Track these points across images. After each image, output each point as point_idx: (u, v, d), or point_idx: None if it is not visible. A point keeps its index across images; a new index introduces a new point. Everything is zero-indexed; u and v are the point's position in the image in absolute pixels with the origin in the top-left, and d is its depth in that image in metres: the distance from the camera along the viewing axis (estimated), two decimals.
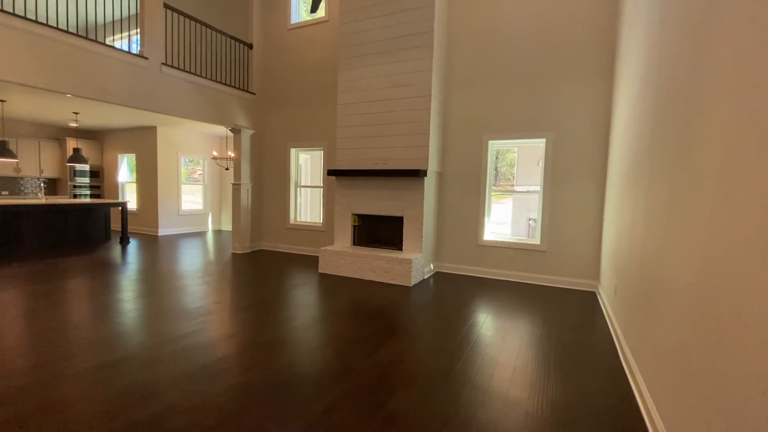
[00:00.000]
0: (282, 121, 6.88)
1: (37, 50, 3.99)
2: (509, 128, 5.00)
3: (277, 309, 3.69)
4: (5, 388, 2.14)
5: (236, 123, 6.52)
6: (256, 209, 7.08)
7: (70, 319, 3.23)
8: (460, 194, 5.38)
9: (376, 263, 4.88)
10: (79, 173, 9.28)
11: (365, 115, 5.31)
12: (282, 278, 4.94)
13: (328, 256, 5.24)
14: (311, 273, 5.28)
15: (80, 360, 2.51)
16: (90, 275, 4.75)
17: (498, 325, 3.43)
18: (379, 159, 5.24)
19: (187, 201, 9.43)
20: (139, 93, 5.01)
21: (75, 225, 7.02)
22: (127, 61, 4.82)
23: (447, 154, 5.44)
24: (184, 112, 5.64)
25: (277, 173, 7.02)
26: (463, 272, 5.43)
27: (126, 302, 3.74)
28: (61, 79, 4.21)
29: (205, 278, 4.80)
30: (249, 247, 6.89)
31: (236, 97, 6.49)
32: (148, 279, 4.67)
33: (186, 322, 3.24)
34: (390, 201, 5.15)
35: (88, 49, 4.41)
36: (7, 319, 3.20)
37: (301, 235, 6.84)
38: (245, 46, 6.70)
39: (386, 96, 5.13)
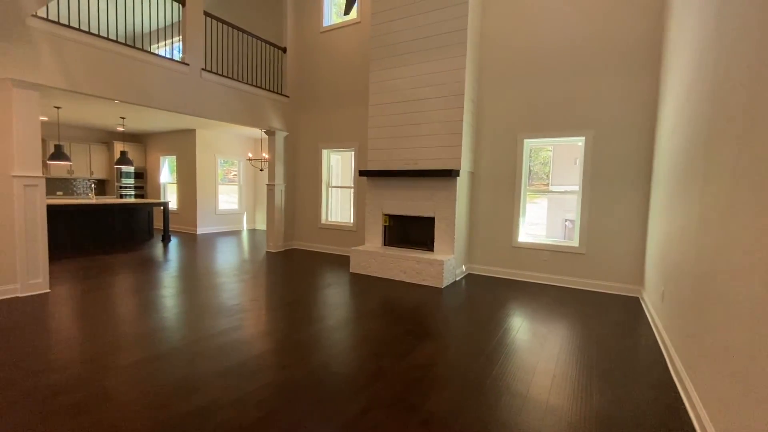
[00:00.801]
0: (314, 122, 7.00)
1: (89, 60, 4.26)
2: (546, 126, 4.84)
3: (310, 307, 3.75)
4: (65, 377, 2.29)
5: (270, 125, 6.69)
6: (289, 209, 7.24)
7: (119, 314, 3.42)
8: (494, 194, 5.27)
9: (406, 264, 4.86)
10: (125, 174, 9.83)
11: (396, 116, 5.30)
12: (314, 277, 5.01)
13: (359, 256, 5.28)
14: (342, 272, 5.33)
15: (129, 353, 2.65)
16: (135, 272, 5.01)
17: (535, 330, 3.33)
18: (410, 159, 5.22)
19: (223, 201, 9.78)
20: (181, 98, 5.24)
21: (121, 223, 7.45)
22: (170, 67, 5.06)
23: (480, 154, 5.34)
24: (222, 116, 5.85)
25: (309, 174, 7.15)
26: (496, 274, 5.31)
27: (168, 298, 3.92)
28: (111, 86, 4.47)
29: (242, 276, 4.95)
30: (282, 246, 7.05)
31: (270, 100, 6.66)
32: (188, 276, 4.87)
33: (224, 319, 3.36)
34: (421, 201, 5.12)
35: (134, 57, 4.66)
36: (65, 312, 3.44)
37: (332, 234, 6.93)
38: (279, 50, 6.86)
39: (418, 96, 5.10)
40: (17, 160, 3.78)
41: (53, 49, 3.98)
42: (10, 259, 3.80)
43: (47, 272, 4.04)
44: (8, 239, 3.78)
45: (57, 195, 9.00)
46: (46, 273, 4.03)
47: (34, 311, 3.41)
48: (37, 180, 3.92)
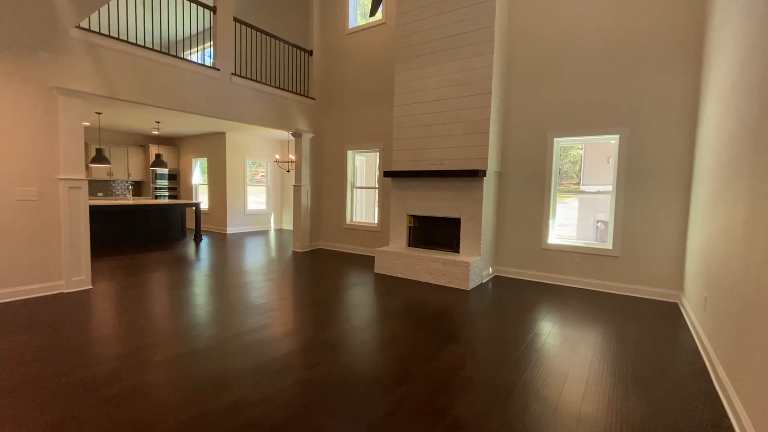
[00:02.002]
0: (339, 124, 7.06)
1: (128, 68, 4.47)
2: (577, 125, 4.68)
3: (336, 307, 3.78)
4: (103, 372, 2.41)
5: (297, 127, 6.80)
6: (315, 210, 7.34)
7: (154, 311, 3.56)
8: (522, 195, 5.14)
9: (432, 265, 4.82)
10: (159, 176, 10.26)
11: (422, 116, 5.27)
12: (339, 277, 5.06)
13: (384, 257, 5.28)
14: (367, 273, 5.35)
15: (163, 348, 2.76)
16: (170, 270, 5.22)
17: (565, 335, 3.22)
18: (435, 159, 5.17)
19: (251, 201, 10.04)
20: (212, 102, 5.41)
21: (156, 223, 7.78)
22: (202, 72, 5.23)
23: (507, 153, 5.23)
24: (251, 119, 6.00)
25: (335, 175, 7.22)
26: (524, 277, 5.18)
27: (200, 296, 4.05)
28: (148, 92, 4.67)
29: (270, 275, 5.06)
30: (308, 246, 7.16)
31: (297, 103, 6.77)
32: (218, 275, 5.02)
33: (253, 317, 3.44)
34: (447, 202, 5.06)
35: (169, 64, 4.85)
36: (105, 308, 3.62)
37: (357, 235, 6.97)
38: (305, 53, 6.97)
39: (444, 95, 5.04)
40: (63, 163, 4.02)
41: (95, 58, 4.20)
42: (57, 257, 4.04)
43: (89, 270, 4.27)
44: (55, 238, 4.02)
45: (98, 196, 9.51)
46: (89, 270, 4.26)
47: (77, 307, 3.61)
48: (81, 182, 4.15)
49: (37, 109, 3.84)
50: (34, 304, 3.65)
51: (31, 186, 3.85)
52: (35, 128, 3.84)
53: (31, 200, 3.85)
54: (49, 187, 3.97)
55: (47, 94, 3.89)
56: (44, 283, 3.96)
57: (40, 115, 3.86)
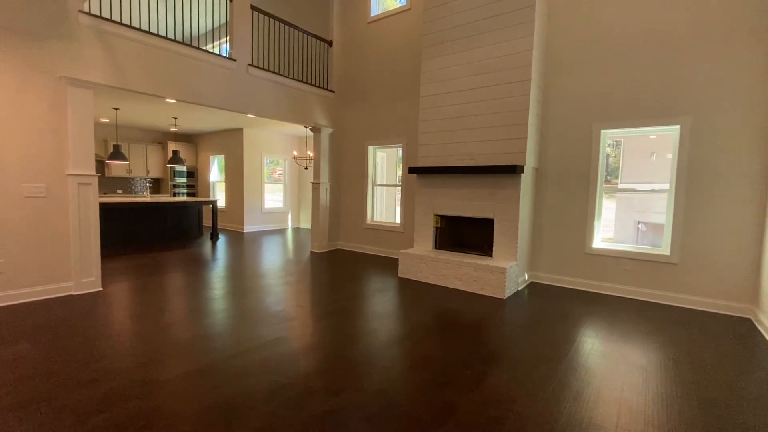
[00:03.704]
0: (360, 118, 6.70)
1: (140, 57, 4.22)
2: (629, 114, 4.18)
3: (359, 317, 3.42)
4: (98, 394, 2.11)
5: (316, 122, 6.48)
6: (334, 209, 7.01)
7: (164, 317, 3.28)
8: (562, 193, 4.66)
9: (462, 270, 4.41)
10: (177, 174, 10.15)
11: (450, 107, 4.85)
12: (361, 281, 4.70)
13: (409, 260, 4.89)
14: (390, 277, 4.98)
15: (169, 364, 2.45)
16: (184, 271, 4.97)
17: (627, 355, 2.76)
18: (465, 154, 4.75)
19: (268, 199, 9.81)
20: (229, 94, 5.13)
21: (173, 221, 7.60)
22: (218, 63, 4.95)
23: (546, 148, 4.75)
24: (268, 112, 5.70)
25: (355, 172, 6.87)
26: (563, 284, 4.70)
27: (214, 301, 3.76)
28: (161, 83, 4.42)
29: (287, 278, 4.75)
30: (327, 246, 6.84)
31: (316, 96, 6.44)
32: (234, 276, 4.74)
33: (270, 327, 3.11)
34: (479, 201, 4.63)
35: (183, 53, 4.58)
36: (113, 313, 3.36)
37: (378, 235, 6.60)
38: (325, 43, 6.63)
39: (476, 84, 4.61)
40: (72, 158, 3.79)
41: (105, 46, 3.95)
42: (66, 257, 3.82)
43: (99, 270, 4.04)
44: (64, 237, 3.80)
45: (117, 193, 9.45)
46: (99, 271, 4.03)
47: (84, 311, 3.36)
48: (91, 178, 3.92)
49: (46, 101, 3.61)
50: (40, 307, 3.43)
51: (40, 182, 3.63)
52: (43, 121, 3.62)
53: (39, 197, 3.63)
54: (58, 184, 3.74)
55: (56, 84, 3.65)
56: (52, 284, 3.74)
57: (48, 107, 3.63)
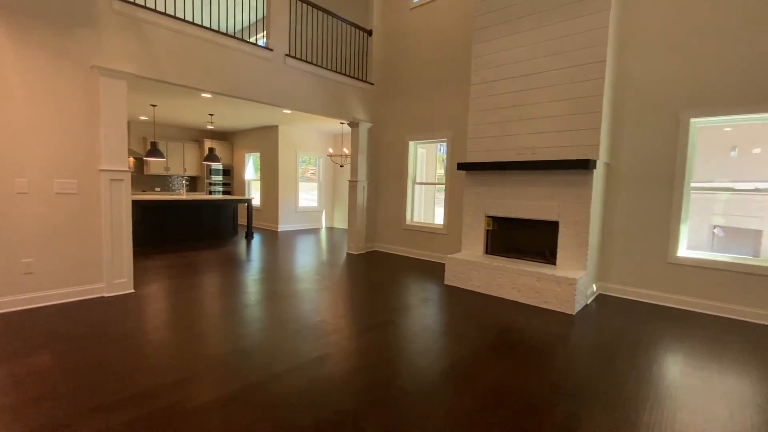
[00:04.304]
0: (400, 112, 6.27)
1: (176, 47, 3.99)
2: (731, 100, 3.49)
3: (408, 334, 2.98)
4: (124, 423, 1.79)
5: (354, 116, 6.11)
6: (372, 208, 6.62)
7: (194, 327, 2.99)
8: (639, 192, 4.02)
9: (522, 280, 3.87)
10: (214, 171, 10.12)
11: (506, 95, 4.32)
12: (404, 289, 4.27)
13: (458, 265, 4.40)
14: (436, 284, 4.51)
15: (202, 387, 2.11)
16: (219, 272, 4.73)
17: (756, 396, 2.16)
18: (524, 148, 4.20)
19: (302, 198, 9.58)
20: (265, 87, 4.85)
21: (209, 219, 7.49)
22: (254, 53, 4.67)
23: (619, 140, 4.13)
24: (305, 106, 5.38)
25: (393, 169, 6.44)
26: (639, 297, 4.06)
27: (249, 307, 3.45)
28: (196, 75, 4.18)
29: (324, 282, 4.39)
30: (364, 247, 6.46)
31: (354, 88, 6.07)
32: (269, 279, 4.44)
33: (311, 342, 2.73)
34: (540, 201, 4.08)
35: (219, 42, 4.33)
36: (140, 321, 3.10)
37: (419, 237, 6.14)
38: (364, 32, 6.25)
39: (539, 68, 4.06)
40: (104, 153, 3.59)
41: (139, 35, 3.73)
42: (97, 257, 3.63)
43: (131, 271, 3.83)
44: (96, 236, 3.61)
45: (155, 191, 9.52)
46: (131, 272, 3.83)
47: (112, 317, 3.13)
48: (123, 174, 3.71)
49: (78, 92, 3.42)
50: (69, 310, 3.23)
51: (71, 178, 3.45)
52: (75, 113, 3.43)
53: (70, 193, 3.45)
54: (90, 180, 3.56)
55: (88, 74, 3.46)
56: (83, 285, 3.56)
57: (80, 99, 3.45)
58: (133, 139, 8.97)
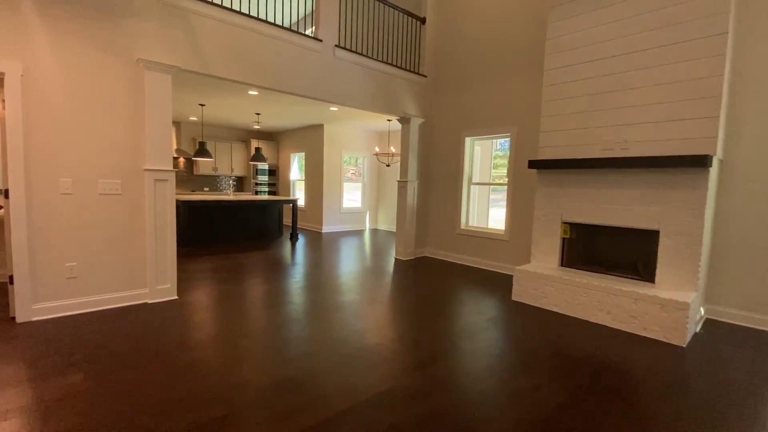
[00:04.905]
0: (456, 105, 5.73)
1: (222, 39, 3.75)
2: None
3: (481, 367, 2.48)
4: None
5: (405, 111, 5.66)
6: (421, 210, 6.14)
7: (236, 345, 2.67)
8: (764, 194, 3.24)
9: (613, 300, 3.23)
10: (260, 172, 10.10)
11: (589, 81, 3.67)
12: (465, 304, 3.75)
13: (528, 279, 3.82)
14: (500, 299, 3.95)
15: (239, 427, 1.75)
16: (263, 278, 4.46)
17: None
18: (613, 142, 3.54)
19: (346, 199, 9.29)
20: (313, 81, 4.52)
21: (254, 220, 7.38)
22: (302, 44, 4.36)
23: (736, 131, 3.35)
24: (355, 101, 5.01)
25: (447, 168, 5.92)
26: (760, 325, 3.27)
27: (296, 322, 3.10)
28: (242, 68, 3.92)
29: (374, 293, 3.98)
30: (413, 253, 5.99)
31: (406, 81, 5.62)
32: (316, 287, 4.10)
33: (368, 373, 2.31)
34: (635, 205, 3.41)
35: (266, 33, 4.05)
36: (185, 335, 2.83)
37: (475, 243, 5.58)
38: (417, 20, 5.78)
39: (634, 46, 3.38)
40: (149, 151, 3.40)
41: (185, 25, 3.52)
42: (141, 261, 3.45)
43: (175, 277, 3.63)
44: (139, 239, 3.43)
45: (204, 191, 9.64)
46: (174, 278, 3.62)
47: (155, 327, 2.90)
48: (168, 174, 3.51)
49: (122, 87, 3.24)
50: (112, 318, 3.05)
51: (115, 178, 3.28)
52: (120, 109, 3.26)
53: (114, 194, 3.28)
54: (134, 180, 3.38)
55: (132, 68, 3.28)
56: (126, 291, 3.39)
57: (125, 94, 3.27)
58: (184, 139, 9.11)
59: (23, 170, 2.85)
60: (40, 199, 2.95)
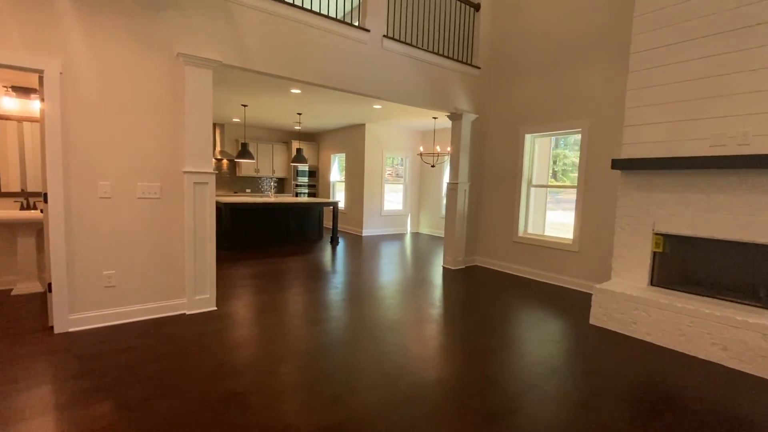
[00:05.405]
0: (513, 99, 5.17)
1: (264, 30, 3.48)
2: None
3: (571, 419, 1.97)
4: None
5: (457, 106, 5.18)
6: (472, 215, 5.62)
7: (283, 373, 2.33)
8: None
9: (731, 334, 2.59)
10: (300, 173, 9.97)
11: (691, 64, 3.03)
12: (534, 327, 3.23)
13: (612, 300, 3.23)
14: (575, 322, 3.39)
15: None
16: (304, 287, 4.17)
17: None
18: (725, 137, 2.88)
19: (387, 201, 8.92)
20: (359, 74, 4.17)
21: (295, 222, 7.18)
22: (349, 35, 4.02)
23: None
24: (403, 96, 4.61)
25: (502, 169, 5.37)
26: None
27: (340, 346, 2.73)
28: (286, 62, 3.64)
29: (425, 311, 3.54)
30: (463, 261, 5.49)
31: (458, 74, 5.14)
32: (361, 300, 3.73)
33: (432, 420, 1.89)
34: (755, 215, 2.74)
35: (312, 24, 3.74)
36: (223, 355, 2.55)
37: (535, 253, 4.99)
38: (470, 6, 5.28)
39: (758, 16, 2.72)
40: (189, 152, 3.18)
41: (227, 17, 3.27)
42: (179, 269, 3.24)
43: (214, 286, 3.39)
44: (178, 246, 3.22)
45: (246, 192, 9.64)
46: (213, 287, 3.39)
47: (193, 346, 2.64)
48: (208, 177, 3.27)
49: (162, 84, 3.04)
50: (148, 332, 2.83)
51: (155, 181, 3.08)
52: (160, 108, 3.05)
53: (152, 198, 3.08)
54: (173, 183, 3.17)
55: (172, 64, 3.06)
56: (165, 301, 3.18)
57: (165, 92, 3.06)
58: (228, 141, 9.14)
59: (62, 173, 2.70)
60: (78, 204, 2.78)
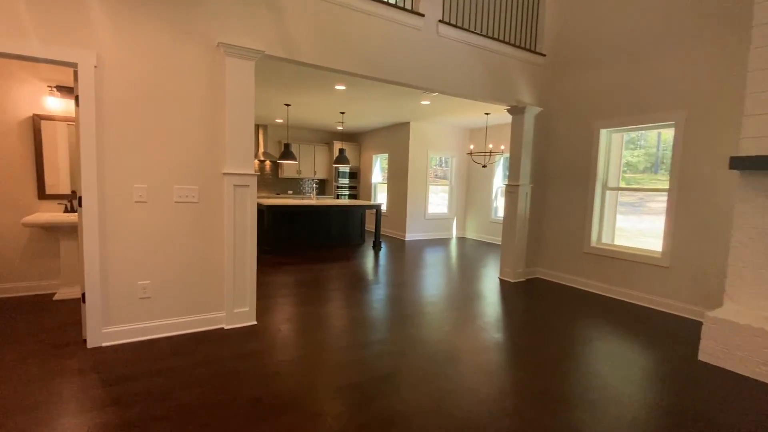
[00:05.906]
0: (585, 89, 4.53)
1: (310, 17, 3.16)
2: None
3: None
4: None
5: (519, 99, 4.61)
6: (534, 221, 5.02)
7: (326, 414, 1.95)
8: None
9: None
10: (341, 174, 9.73)
11: None
12: (628, 362, 2.63)
13: (731, 333, 2.57)
14: (678, 354, 2.75)
15: None
16: (346, 299, 3.80)
17: None
18: None
19: (432, 204, 8.42)
20: (412, 64, 3.75)
21: (336, 225, 6.90)
22: (401, 21, 3.61)
23: None
24: (459, 88, 4.13)
25: (571, 169, 4.73)
26: None
27: (393, 378, 2.31)
28: (333, 52, 3.29)
29: (487, 331, 3.05)
30: (523, 273, 4.90)
31: (520, 62, 4.57)
32: (410, 319, 3.30)
33: None
34: None
35: (361, 9, 3.37)
36: (263, 386, 2.21)
37: (611, 266, 4.31)
38: None
39: None
40: (230, 152, 2.90)
41: (270, 4, 2.96)
42: (218, 280, 2.97)
43: (254, 298, 3.10)
44: (217, 255, 2.96)
45: (288, 194, 9.52)
46: (254, 300, 3.09)
47: (231, 368, 2.34)
48: (249, 179, 2.99)
49: (199, 77, 2.78)
50: (183, 350, 2.57)
51: (192, 184, 2.83)
52: (197, 104, 2.80)
53: (190, 202, 2.83)
54: (212, 186, 2.90)
55: (212, 55, 2.80)
56: (202, 314, 2.93)
57: (205, 85, 2.80)
58: (270, 142, 9.06)
59: (96, 176, 2.49)
60: (112, 208, 2.57)
